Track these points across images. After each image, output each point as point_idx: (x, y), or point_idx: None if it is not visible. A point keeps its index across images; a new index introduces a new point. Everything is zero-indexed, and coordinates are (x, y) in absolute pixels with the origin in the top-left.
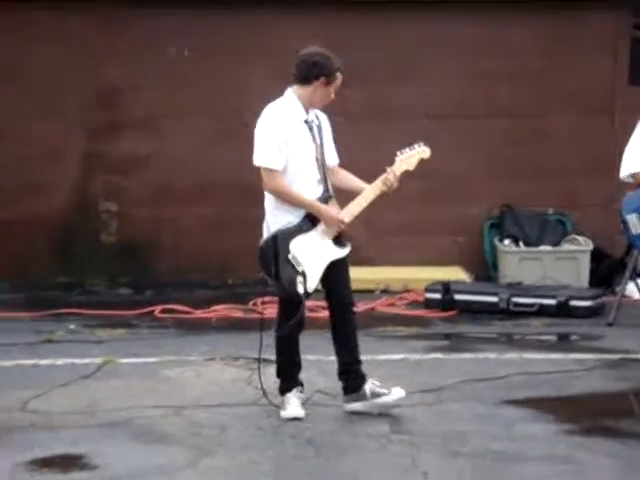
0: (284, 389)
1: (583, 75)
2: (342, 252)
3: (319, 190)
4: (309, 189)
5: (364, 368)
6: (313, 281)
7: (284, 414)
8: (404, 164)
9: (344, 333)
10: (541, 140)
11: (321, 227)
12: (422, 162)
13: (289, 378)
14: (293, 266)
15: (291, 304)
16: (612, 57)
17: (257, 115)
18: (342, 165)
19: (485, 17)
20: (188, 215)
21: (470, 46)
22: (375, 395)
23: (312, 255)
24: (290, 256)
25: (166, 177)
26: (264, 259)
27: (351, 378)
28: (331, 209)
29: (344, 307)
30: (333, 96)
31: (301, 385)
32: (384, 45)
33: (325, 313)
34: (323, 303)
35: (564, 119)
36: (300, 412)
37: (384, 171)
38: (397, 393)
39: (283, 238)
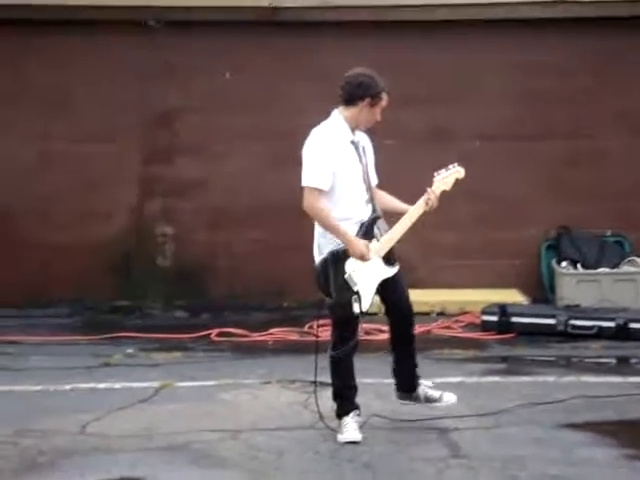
0: (341, 413)
1: (635, 94)
2: (392, 271)
3: (368, 210)
4: (358, 209)
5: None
6: (367, 300)
7: (341, 438)
8: (442, 185)
9: (405, 340)
10: (596, 161)
11: (373, 246)
12: (468, 183)
13: (346, 401)
14: (349, 286)
15: (348, 325)
16: None
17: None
18: (396, 186)
19: (537, 37)
20: (243, 238)
21: (523, 67)
22: (428, 400)
23: (365, 275)
24: (346, 276)
25: (221, 201)
26: (321, 280)
27: (406, 375)
28: (359, 243)
29: (405, 318)
30: (379, 117)
31: (358, 408)
32: (438, 67)
33: (381, 336)
34: (379, 326)
35: (618, 139)
36: (357, 436)
37: (424, 191)
38: (448, 398)
39: (338, 258)
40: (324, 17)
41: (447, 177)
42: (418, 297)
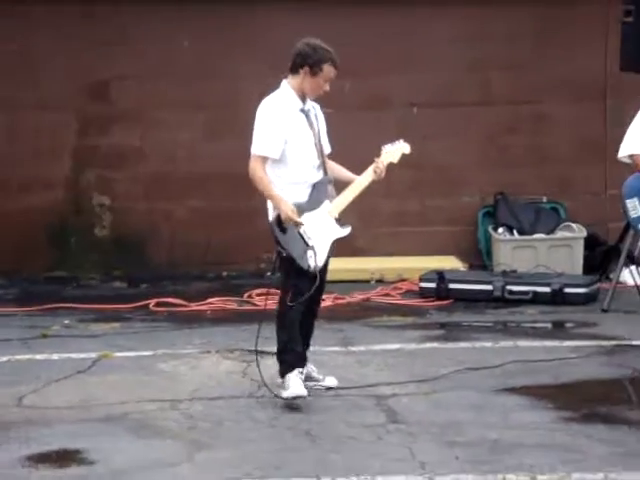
0: (285, 369)
1: (575, 61)
2: (344, 232)
3: (319, 175)
4: (309, 174)
5: (357, 357)
6: (321, 256)
7: (286, 394)
8: (389, 157)
9: (307, 323)
10: (534, 128)
11: (326, 207)
12: (408, 155)
13: (291, 356)
14: (304, 240)
15: (303, 277)
16: (603, 43)
17: (251, 107)
18: (336, 155)
19: (477, 4)
20: (182, 208)
21: (462, 33)
22: (311, 378)
23: (319, 231)
24: (301, 230)
25: (160, 170)
26: (276, 233)
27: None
28: (288, 209)
29: (317, 295)
30: (326, 88)
31: (302, 366)
32: (377, 36)
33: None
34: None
35: (557, 106)
36: (303, 390)
37: (372, 162)
38: (329, 382)
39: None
40: None
41: (395, 151)
42: (357, 265)
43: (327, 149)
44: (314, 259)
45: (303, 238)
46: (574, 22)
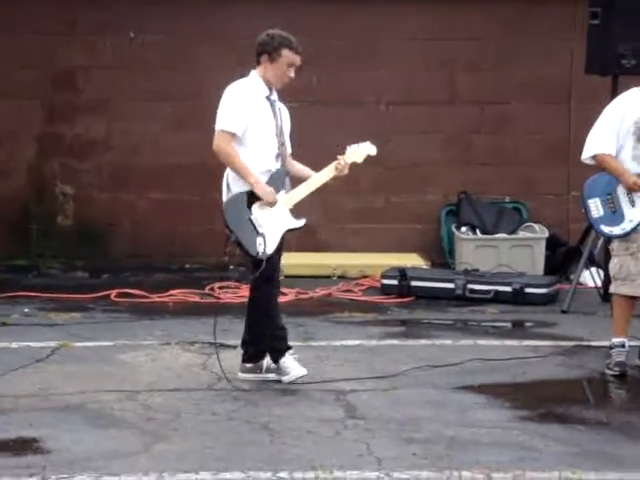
0: (277, 356)
1: (541, 63)
2: (298, 223)
3: (277, 164)
4: (267, 161)
5: (317, 352)
6: (272, 244)
7: (287, 378)
8: (354, 156)
9: None
10: (499, 128)
11: (281, 196)
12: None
13: (278, 342)
14: (254, 227)
15: (266, 263)
16: (568, 45)
17: (217, 99)
18: (302, 149)
19: (444, 5)
20: (145, 199)
21: (430, 33)
22: (270, 370)
23: (271, 220)
24: (252, 217)
25: (124, 160)
26: (227, 217)
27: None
28: (266, 187)
29: None
30: (290, 74)
31: (291, 347)
32: (345, 32)
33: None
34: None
35: (522, 107)
36: (303, 370)
37: (331, 155)
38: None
39: (245, 199)
40: None
41: (360, 151)
42: (320, 260)
43: (288, 148)
44: (263, 246)
45: (254, 225)
46: (540, 23)
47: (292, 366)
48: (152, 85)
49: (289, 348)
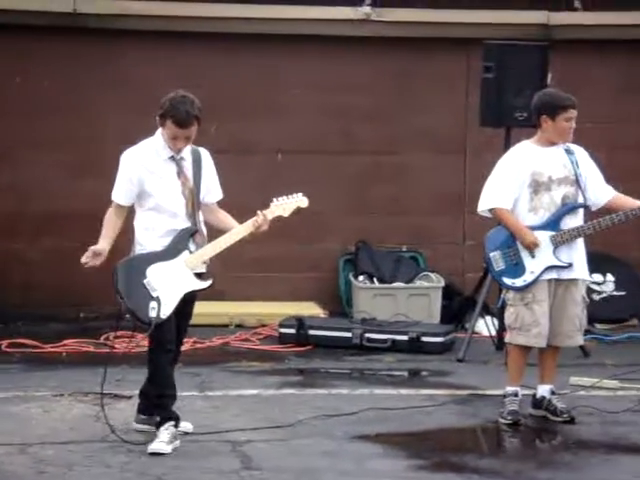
0: (157, 422)
1: (436, 114)
2: (201, 285)
3: (183, 224)
4: (171, 223)
5: (213, 402)
6: (167, 308)
7: (148, 448)
8: (279, 210)
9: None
10: (395, 178)
11: (184, 257)
12: (269, 197)
13: (161, 410)
14: (147, 291)
15: (159, 329)
16: (463, 97)
17: (114, 147)
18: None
19: (341, 54)
20: (38, 247)
21: (327, 83)
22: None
23: (169, 282)
24: (146, 281)
25: (14, 208)
26: (117, 281)
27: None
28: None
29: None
30: (177, 145)
31: (173, 419)
32: (243, 81)
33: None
34: None
35: (418, 157)
36: (165, 448)
37: (254, 213)
38: (184, 427)
39: (140, 262)
40: (126, 25)
41: (288, 204)
42: (217, 309)
43: (213, 197)
44: (157, 311)
45: (147, 289)
46: (435, 75)
47: (160, 439)
48: (47, 131)
49: (171, 419)
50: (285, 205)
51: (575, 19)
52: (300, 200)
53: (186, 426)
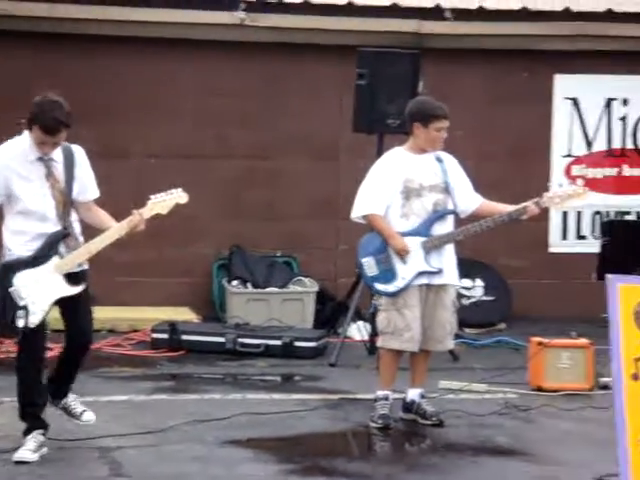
0: (24, 430)
1: (311, 120)
2: (72, 290)
3: (56, 227)
4: (37, 225)
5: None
6: (36, 316)
7: (14, 456)
8: (157, 208)
9: (72, 362)
10: (271, 182)
11: (54, 262)
12: (143, 201)
13: (27, 418)
14: (12, 300)
15: (26, 338)
16: (337, 104)
17: None
18: None
19: (214, 59)
20: None
21: (201, 87)
22: (70, 413)
23: (38, 290)
24: (12, 290)
25: None
26: None
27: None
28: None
29: (78, 343)
30: (44, 150)
31: (41, 427)
32: (116, 86)
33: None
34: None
35: (293, 163)
36: (31, 456)
37: (131, 213)
38: (88, 417)
39: (7, 270)
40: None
41: (166, 201)
42: None
43: (89, 196)
44: (24, 320)
45: (13, 297)
46: (310, 81)
47: (26, 447)
48: None
49: (39, 427)
50: (163, 202)
51: (446, 29)
52: (179, 196)
53: (90, 417)
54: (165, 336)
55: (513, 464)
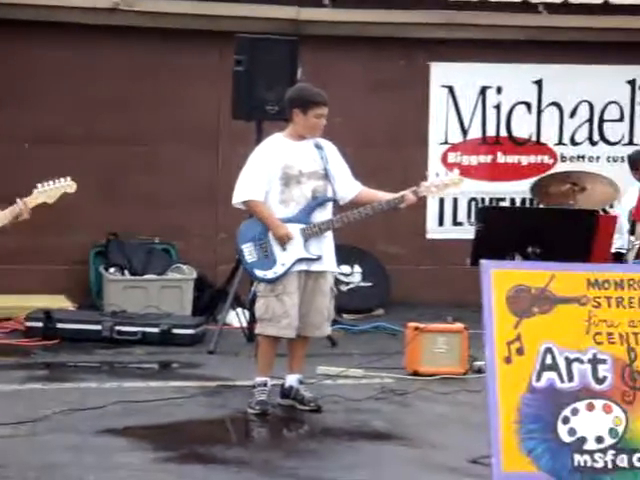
0: None
1: (189, 106)
2: None
3: None
4: None
5: None
6: None
7: None
8: (43, 197)
9: None
10: (150, 169)
11: None
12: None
13: None
14: None
15: None
16: (216, 90)
17: None
18: None
19: (89, 43)
20: None
21: (77, 72)
22: None
23: None
24: None
25: None
26: None
27: None
28: None
29: None
30: None
31: None
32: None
33: None
34: None
35: (172, 149)
36: None
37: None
38: None
39: None
40: None
41: (53, 190)
42: None
43: None
44: None
45: None
46: (188, 67)
47: None
48: None
49: None
50: (50, 191)
51: (324, 16)
52: (68, 185)
53: None
54: (39, 324)
55: (389, 448)
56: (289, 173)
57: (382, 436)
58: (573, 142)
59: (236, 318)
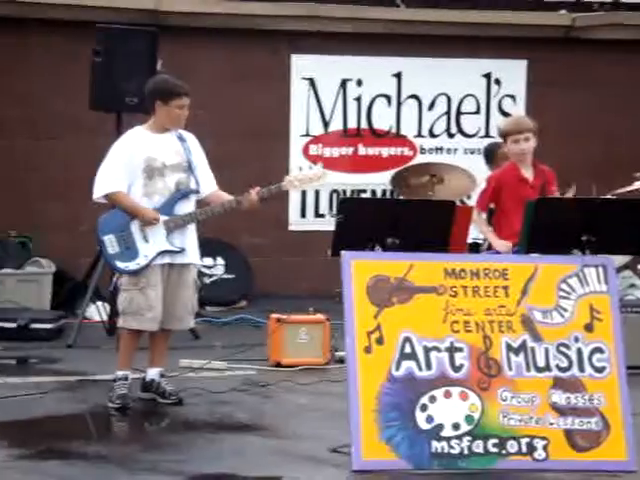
0: None
1: (49, 97)
2: None
3: None
4: None
5: None
6: None
7: None
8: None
9: None
10: (5, 161)
11: None
12: None
13: None
14: None
15: None
16: (77, 81)
17: None
18: None
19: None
20: None
21: None
22: None
23: None
24: None
25: None
26: None
27: None
28: None
29: None
30: None
31: None
32: None
33: None
34: None
35: (28, 141)
36: None
37: None
38: None
39: None
40: None
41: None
42: None
43: None
44: None
45: None
46: (48, 57)
47: None
48: None
49: None
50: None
51: (185, 7)
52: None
53: None
54: None
55: (251, 439)
56: (152, 166)
57: (245, 428)
58: (432, 134)
59: (96, 311)
